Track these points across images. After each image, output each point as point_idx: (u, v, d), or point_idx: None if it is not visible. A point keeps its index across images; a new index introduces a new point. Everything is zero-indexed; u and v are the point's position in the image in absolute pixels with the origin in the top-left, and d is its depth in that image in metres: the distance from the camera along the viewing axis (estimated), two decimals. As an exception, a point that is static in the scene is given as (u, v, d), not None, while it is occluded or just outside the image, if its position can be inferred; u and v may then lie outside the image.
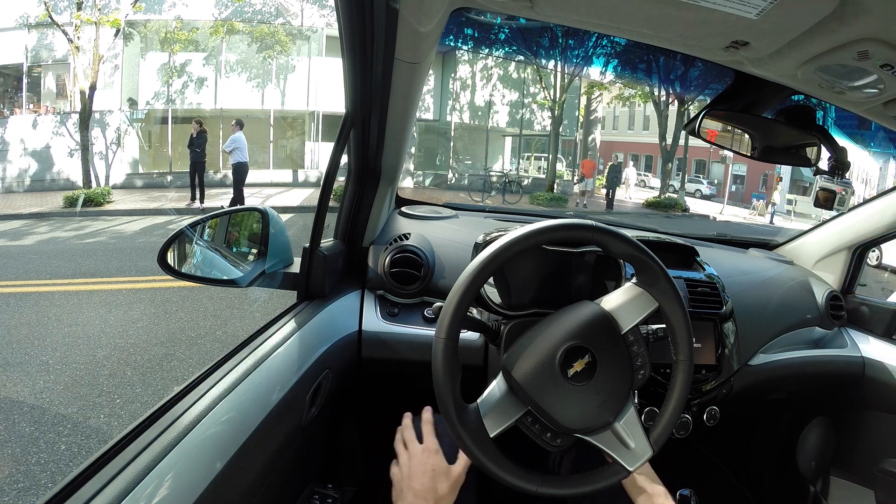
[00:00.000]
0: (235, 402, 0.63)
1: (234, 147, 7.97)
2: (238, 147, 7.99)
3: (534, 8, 0.65)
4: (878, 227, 1.22)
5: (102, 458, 0.51)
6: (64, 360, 2.98)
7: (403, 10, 0.68)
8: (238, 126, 8.20)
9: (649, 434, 0.66)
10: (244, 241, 0.94)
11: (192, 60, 11.94)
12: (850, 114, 0.79)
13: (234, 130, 8.18)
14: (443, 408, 0.62)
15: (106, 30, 10.06)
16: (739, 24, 0.57)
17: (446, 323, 0.63)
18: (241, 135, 8.09)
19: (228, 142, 8.12)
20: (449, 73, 13.92)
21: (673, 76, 11.67)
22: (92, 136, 10.28)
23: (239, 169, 8.12)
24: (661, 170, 15.11)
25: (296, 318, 0.85)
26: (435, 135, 14.36)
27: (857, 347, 1.23)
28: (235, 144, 7.98)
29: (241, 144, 8.04)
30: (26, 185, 10.43)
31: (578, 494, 0.65)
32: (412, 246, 1.03)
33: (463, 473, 0.72)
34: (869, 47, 0.55)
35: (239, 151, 8.00)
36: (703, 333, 1.00)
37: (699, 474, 1.38)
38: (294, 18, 12.52)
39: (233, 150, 7.98)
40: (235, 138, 8.04)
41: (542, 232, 0.66)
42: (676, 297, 0.68)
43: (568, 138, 15.20)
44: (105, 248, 6.17)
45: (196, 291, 4.05)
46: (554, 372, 0.63)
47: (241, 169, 8.14)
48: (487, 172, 13.76)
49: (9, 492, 1.91)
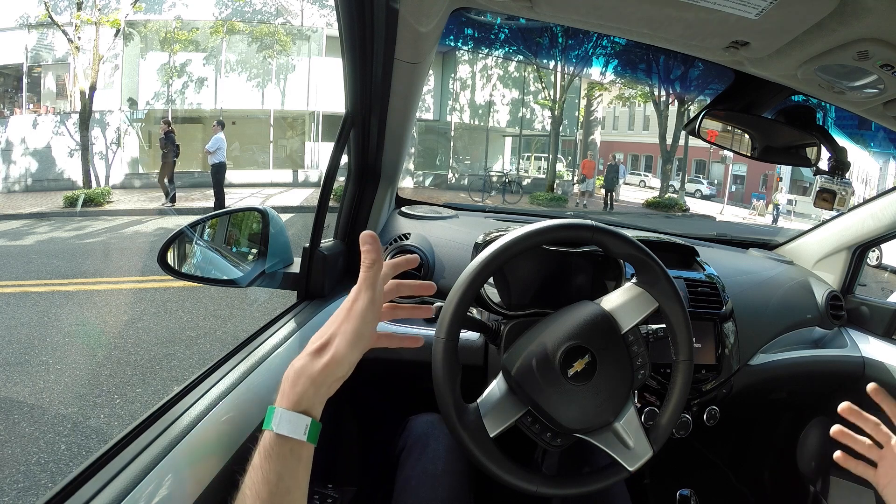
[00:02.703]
0: (235, 402, 0.63)
1: (217, 147, 8.07)
2: (221, 147, 8.10)
3: (534, 8, 0.65)
4: (878, 227, 1.22)
5: (102, 458, 0.51)
6: (64, 360, 2.98)
7: (403, 10, 0.69)
8: (219, 126, 8.29)
9: (649, 434, 0.66)
10: (244, 241, 0.94)
11: (192, 60, 11.94)
12: (850, 114, 0.79)
13: (216, 131, 8.26)
14: (443, 408, 0.62)
15: (106, 30, 10.06)
16: (739, 24, 0.57)
17: (446, 323, 0.63)
18: (222, 135, 8.19)
19: (211, 142, 8.19)
20: (449, 73, 13.92)
21: (673, 76, 11.68)
22: (92, 136, 10.28)
23: (219, 169, 8.23)
24: (661, 170, 15.11)
25: (296, 318, 0.85)
26: (435, 135, 14.36)
27: (857, 347, 1.23)
28: (218, 145, 8.09)
29: (223, 145, 8.15)
30: (26, 185, 10.42)
31: (578, 494, 0.65)
32: (412, 246, 1.03)
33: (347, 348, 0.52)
34: (869, 47, 0.55)
35: (219, 152, 8.11)
36: (703, 333, 1.00)
37: (699, 474, 1.38)
38: (294, 18, 12.52)
39: (216, 150, 8.08)
40: (219, 138, 8.13)
41: (542, 232, 0.66)
42: (676, 297, 0.68)
43: (568, 138, 15.19)
44: (105, 248, 6.17)
45: (196, 291, 4.05)
46: (554, 372, 0.63)
47: (221, 169, 8.25)
48: (487, 172, 13.76)
49: (9, 492, 1.91)
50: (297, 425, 0.48)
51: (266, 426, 0.48)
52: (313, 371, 0.50)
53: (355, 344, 0.52)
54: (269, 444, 0.47)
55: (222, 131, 8.24)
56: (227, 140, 8.67)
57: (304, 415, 0.48)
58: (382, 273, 0.57)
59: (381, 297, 0.56)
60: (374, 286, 0.54)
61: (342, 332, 0.52)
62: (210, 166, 8.43)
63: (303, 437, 0.47)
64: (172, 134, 8.86)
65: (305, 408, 0.49)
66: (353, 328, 0.52)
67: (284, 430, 0.47)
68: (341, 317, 0.53)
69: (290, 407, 0.48)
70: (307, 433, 0.48)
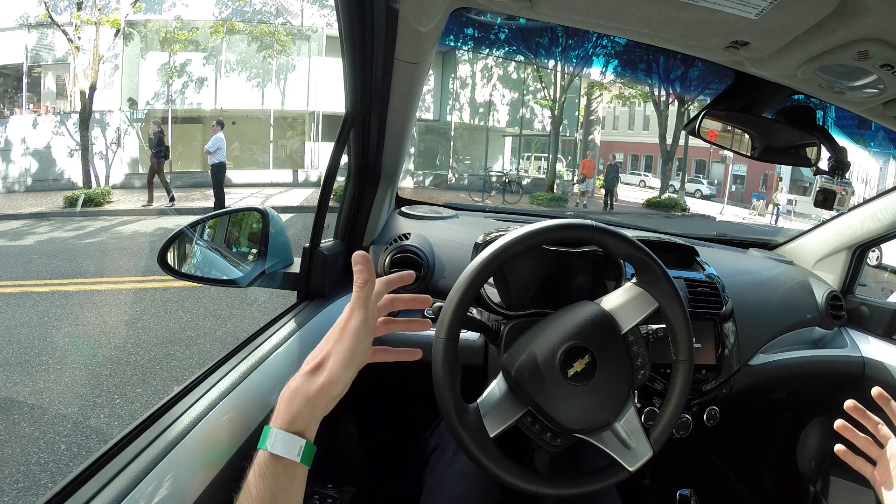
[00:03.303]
0: (235, 402, 0.63)
1: (217, 147, 8.12)
2: (221, 147, 8.14)
3: (534, 8, 0.65)
4: (878, 227, 1.22)
5: (102, 458, 0.51)
6: (64, 360, 2.98)
7: (403, 10, 0.68)
8: (219, 126, 8.33)
9: (649, 434, 0.66)
10: (244, 241, 0.94)
11: (192, 60, 11.94)
12: (850, 114, 0.79)
13: (215, 131, 8.30)
14: (443, 408, 0.62)
15: (106, 30, 10.06)
16: (739, 24, 0.57)
17: (446, 323, 0.63)
18: (221, 135, 8.22)
19: (211, 142, 8.22)
20: (449, 73, 13.92)
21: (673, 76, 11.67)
22: (92, 136, 10.28)
23: (219, 169, 8.27)
24: (661, 170, 15.11)
25: (296, 318, 0.85)
26: (435, 135, 14.36)
27: (857, 347, 1.23)
28: (218, 144, 8.13)
29: (222, 145, 8.19)
30: (26, 185, 10.42)
31: (578, 494, 0.65)
32: (412, 246, 1.03)
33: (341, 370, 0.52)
34: (869, 47, 0.55)
35: (220, 152, 8.15)
36: (703, 333, 0.99)
37: (699, 474, 1.38)
38: (294, 18, 12.52)
39: (216, 150, 8.12)
40: (218, 138, 8.17)
41: (542, 232, 0.66)
42: (676, 297, 0.68)
43: (568, 138, 15.19)
44: (105, 248, 6.17)
45: (196, 291, 4.05)
46: (554, 372, 0.63)
47: (221, 169, 8.30)
48: (487, 172, 13.76)
49: (9, 492, 1.91)
50: (291, 446, 0.48)
51: (261, 445, 0.48)
52: (309, 391, 0.51)
53: (349, 363, 0.53)
54: (264, 463, 0.47)
55: (222, 131, 8.27)
56: (227, 140, 8.69)
57: (298, 436, 0.49)
58: (376, 290, 0.57)
59: (375, 314, 0.57)
60: (366, 305, 0.55)
61: (336, 352, 0.53)
62: (210, 166, 8.47)
63: (296, 459, 0.48)
64: (162, 135, 8.92)
65: (300, 428, 0.49)
66: (346, 347, 0.53)
67: (279, 450, 0.48)
68: (335, 336, 0.54)
69: (285, 427, 0.49)
70: (301, 455, 0.48)
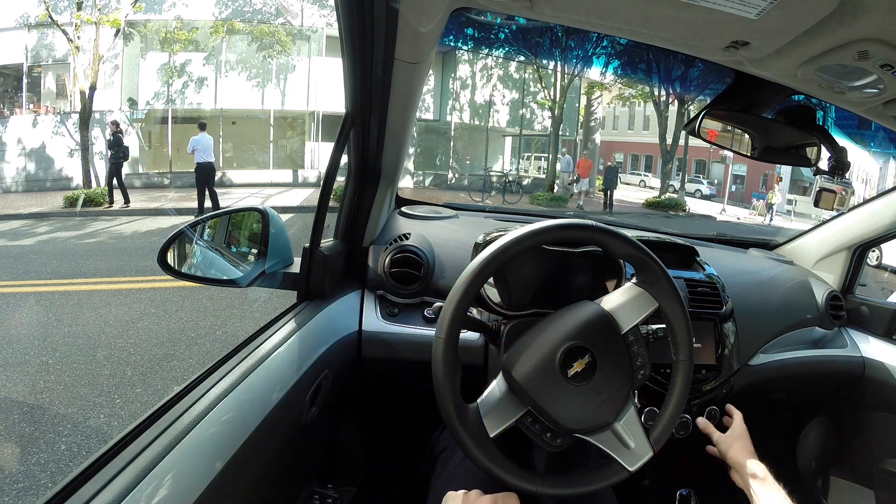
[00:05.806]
0: (235, 402, 0.63)
1: (193, 148, 8.24)
2: (198, 149, 8.24)
3: (534, 8, 0.65)
4: (878, 227, 1.22)
5: (102, 458, 0.51)
6: (64, 360, 2.98)
7: (403, 10, 0.68)
8: (200, 128, 8.47)
9: (649, 434, 0.66)
10: (244, 241, 0.94)
11: (192, 60, 11.94)
12: (850, 114, 0.79)
13: (198, 133, 8.45)
14: (443, 408, 0.62)
15: (106, 30, 10.06)
16: (739, 24, 0.57)
17: (446, 323, 0.63)
18: (202, 136, 8.33)
19: (189, 144, 8.36)
20: (449, 73, 13.91)
21: (673, 76, 11.68)
22: (92, 136, 10.28)
23: (201, 170, 8.34)
24: (661, 170, 15.11)
25: (296, 318, 0.85)
26: (435, 135, 14.36)
27: (857, 347, 1.23)
28: (194, 146, 8.24)
29: (201, 146, 8.28)
30: (26, 185, 10.43)
31: (578, 494, 0.65)
32: (412, 246, 1.03)
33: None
34: (869, 47, 0.55)
35: (200, 153, 8.25)
36: (703, 333, 1.00)
37: (699, 474, 1.38)
38: (294, 18, 12.51)
39: (193, 151, 8.23)
40: (196, 140, 8.28)
41: (542, 232, 0.66)
42: (676, 297, 0.68)
43: (568, 138, 15.19)
44: (105, 248, 6.17)
45: (196, 291, 4.05)
46: (554, 372, 0.63)
47: (203, 169, 8.36)
48: (487, 172, 13.76)
49: (9, 492, 1.91)
50: None
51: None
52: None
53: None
54: None
55: (203, 132, 8.40)
56: (227, 140, 8.71)
57: None
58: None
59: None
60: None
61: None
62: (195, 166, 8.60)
63: None
64: (121, 136, 9.01)
65: None
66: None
67: None
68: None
69: None
70: None
